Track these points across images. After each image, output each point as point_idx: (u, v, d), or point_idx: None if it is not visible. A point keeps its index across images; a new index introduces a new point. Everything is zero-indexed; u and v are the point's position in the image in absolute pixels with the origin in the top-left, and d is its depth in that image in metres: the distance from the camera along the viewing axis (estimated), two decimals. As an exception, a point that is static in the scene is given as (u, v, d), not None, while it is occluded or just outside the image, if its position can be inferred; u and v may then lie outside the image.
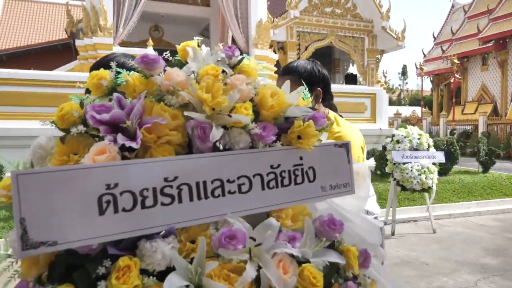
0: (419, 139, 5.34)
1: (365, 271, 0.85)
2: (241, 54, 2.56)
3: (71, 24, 13.09)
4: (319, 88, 1.56)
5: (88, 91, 0.87)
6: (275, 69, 11.05)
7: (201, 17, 12.83)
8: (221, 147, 0.79)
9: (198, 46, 0.91)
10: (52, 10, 19.27)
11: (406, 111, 22.27)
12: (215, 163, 0.76)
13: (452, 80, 21.30)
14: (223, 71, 0.85)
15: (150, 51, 9.31)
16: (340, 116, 1.64)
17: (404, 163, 5.17)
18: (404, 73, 29.94)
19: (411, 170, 5.09)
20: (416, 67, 22.08)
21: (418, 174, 5.11)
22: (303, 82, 1.07)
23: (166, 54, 0.89)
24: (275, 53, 12.15)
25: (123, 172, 0.68)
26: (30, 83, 6.52)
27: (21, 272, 0.73)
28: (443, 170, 7.58)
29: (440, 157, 5.35)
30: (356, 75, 15.82)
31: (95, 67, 1.20)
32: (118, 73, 0.83)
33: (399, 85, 41.43)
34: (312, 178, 0.89)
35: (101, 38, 8.79)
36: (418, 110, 20.97)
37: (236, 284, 0.65)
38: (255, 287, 0.68)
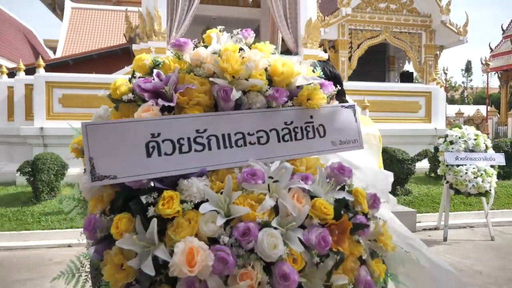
0: (475, 139, 5.05)
1: (375, 211, 1.00)
2: (290, 54, 3.88)
3: (129, 29, 13.88)
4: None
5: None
6: (324, 68, 10.90)
7: (251, 18, 13.06)
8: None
9: (220, 32, 1.13)
10: (113, 17, 20.56)
11: (470, 110, 20.91)
12: (237, 119, 0.97)
13: (523, 76, 19.71)
14: (241, 49, 1.06)
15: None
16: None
17: (458, 165, 4.92)
18: (468, 69, 28.07)
19: (466, 172, 4.84)
20: (482, 63, 20.61)
21: (474, 177, 4.84)
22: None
23: (194, 41, 1.11)
24: (326, 52, 12.02)
25: (164, 124, 0.91)
26: (91, 86, 7.06)
27: (90, 209, 0.95)
28: (507, 173, 7.08)
29: (500, 159, 5.03)
30: (412, 73, 15.18)
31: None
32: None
33: (463, 82, 38.92)
34: (323, 134, 1.07)
35: (155, 42, 9.28)
36: (483, 109, 19.62)
37: (257, 210, 0.82)
38: (274, 215, 0.85)
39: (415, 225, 5.55)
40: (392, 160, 6.36)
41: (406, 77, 15.05)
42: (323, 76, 1.52)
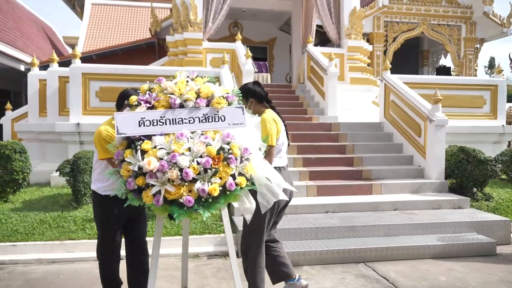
0: None
1: (247, 155, 2.33)
2: (332, 46, 9.29)
3: (155, 23, 13.32)
4: (251, 98, 3.01)
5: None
6: (369, 61, 10.07)
7: (282, 10, 12.68)
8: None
9: (181, 72, 2.57)
10: (134, 13, 20.17)
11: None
12: (179, 112, 2.36)
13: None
14: (188, 80, 2.50)
15: (239, 45, 8.89)
16: (278, 113, 3.04)
17: None
18: (491, 66, 26.92)
19: None
20: (510, 58, 19.55)
21: None
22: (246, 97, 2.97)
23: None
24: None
25: (147, 114, 2.33)
26: (130, 78, 6.39)
27: (118, 148, 2.35)
28: None
29: None
30: (449, 67, 14.35)
31: (122, 95, 2.90)
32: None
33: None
34: (224, 120, 2.42)
35: (191, 33, 8.81)
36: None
37: (180, 148, 2.21)
38: (189, 151, 2.23)
39: (510, 236, 4.71)
40: (471, 160, 5.55)
41: (443, 72, 14.34)
42: (248, 92, 2.98)
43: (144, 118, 2.29)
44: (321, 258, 4.23)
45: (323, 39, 12.95)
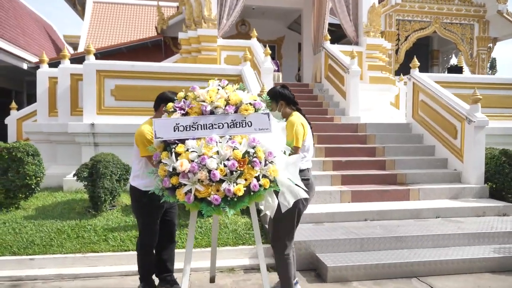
0: None
1: (271, 159, 2.54)
2: (350, 44, 9.07)
3: (161, 21, 12.84)
4: (281, 101, 3.23)
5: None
6: (387, 59, 9.65)
7: (292, 8, 12.56)
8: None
9: (214, 80, 2.85)
10: (137, 11, 19.72)
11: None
12: (209, 118, 2.61)
13: None
14: (219, 88, 2.78)
15: (255, 42, 8.48)
16: (304, 116, 3.27)
17: None
18: (492, 67, 26.70)
19: None
20: (515, 59, 19.19)
21: None
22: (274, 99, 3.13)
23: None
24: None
25: (181, 120, 2.59)
26: (148, 76, 5.95)
27: (157, 149, 2.64)
28: None
29: None
30: (461, 67, 13.99)
31: (159, 97, 3.14)
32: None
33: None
34: (250, 125, 2.65)
35: (205, 30, 8.42)
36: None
37: (209, 151, 2.46)
38: (218, 154, 2.49)
39: None
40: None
41: (455, 72, 13.92)
42: (277, 96, 3.19)
43: (178, 123, 2.59)
44: (371, 273, 3.94)
45: (334, 37, 12.57)
